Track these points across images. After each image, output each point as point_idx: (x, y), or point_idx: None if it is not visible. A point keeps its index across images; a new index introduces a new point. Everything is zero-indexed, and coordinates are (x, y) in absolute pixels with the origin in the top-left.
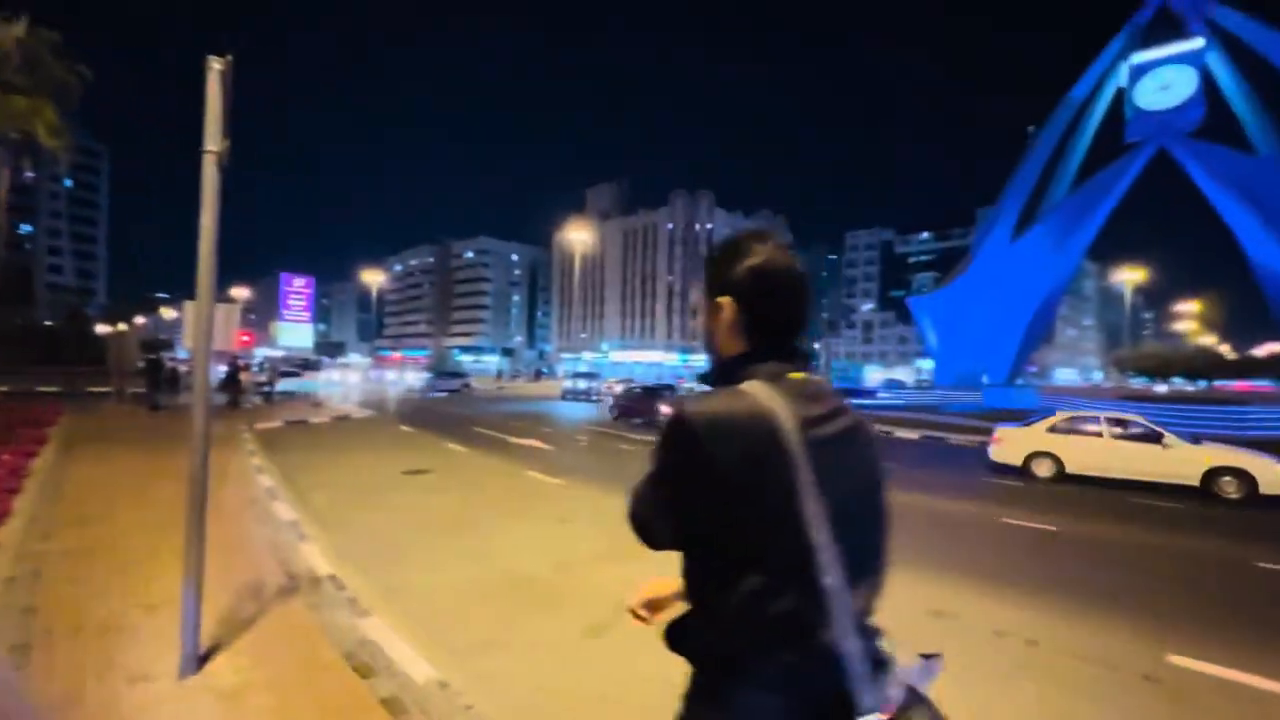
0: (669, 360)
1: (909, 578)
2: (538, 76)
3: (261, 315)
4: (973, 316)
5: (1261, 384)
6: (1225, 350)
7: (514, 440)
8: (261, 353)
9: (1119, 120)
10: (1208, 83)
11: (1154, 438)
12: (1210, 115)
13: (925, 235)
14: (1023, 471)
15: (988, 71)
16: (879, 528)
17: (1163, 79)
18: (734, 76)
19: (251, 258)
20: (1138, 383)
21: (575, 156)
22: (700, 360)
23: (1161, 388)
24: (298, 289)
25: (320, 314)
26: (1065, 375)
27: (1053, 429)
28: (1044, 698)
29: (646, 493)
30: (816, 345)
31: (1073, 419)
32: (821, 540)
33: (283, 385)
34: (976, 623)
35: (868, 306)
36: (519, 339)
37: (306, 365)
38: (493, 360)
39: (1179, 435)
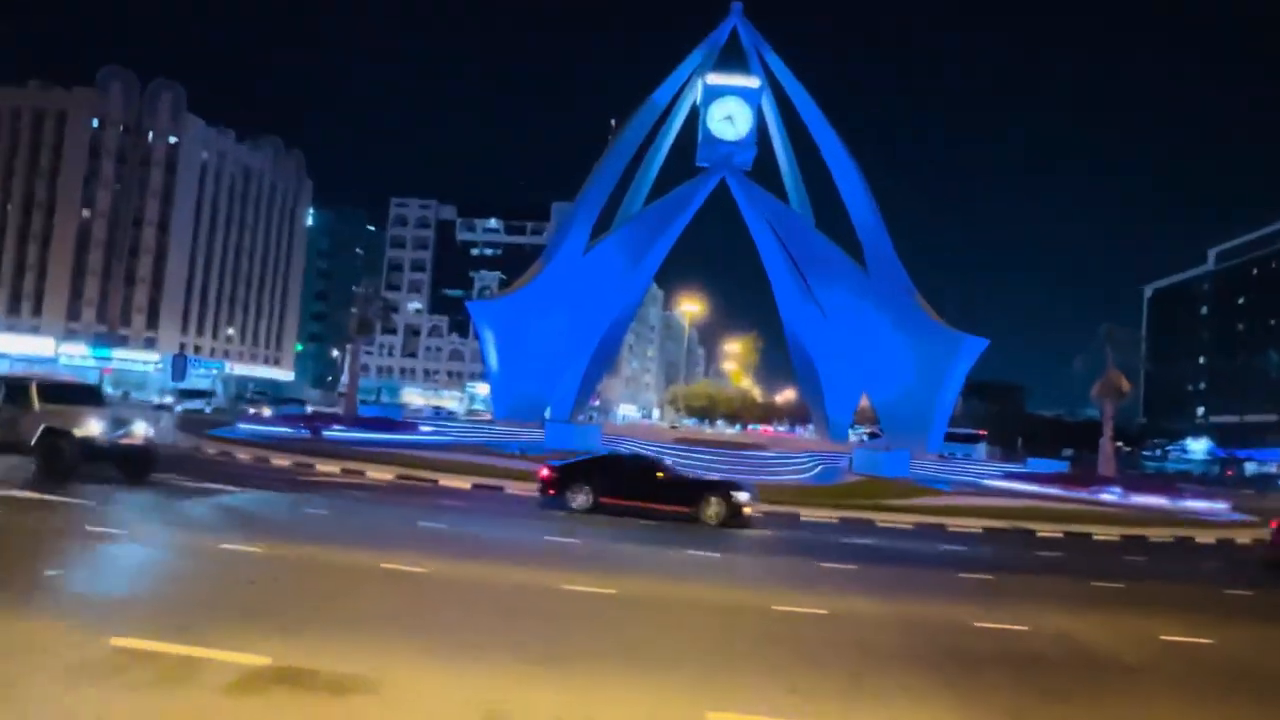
0: (74, 354)
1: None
2: None
3: None
4: (540, 334)
5: (781, 429)
6: (757, 394)
7: None
8: None
9: (695, 134)
10: (760, 126)
11: None
12: (760, 158)
13: (494, 223)
14: None
15: (591, 40)
16: None
17: (727, 109)
18: None
19: None
20: (690, 422)
21: None
22: (150, 359)
23: (708, 430)
24: None
25: None
26: (627, 410)
27: None
28: None
29: None
30: (337, 353)
31: None
32: None
33: None
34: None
35: (415, 305)
36: None
37: None
38: None
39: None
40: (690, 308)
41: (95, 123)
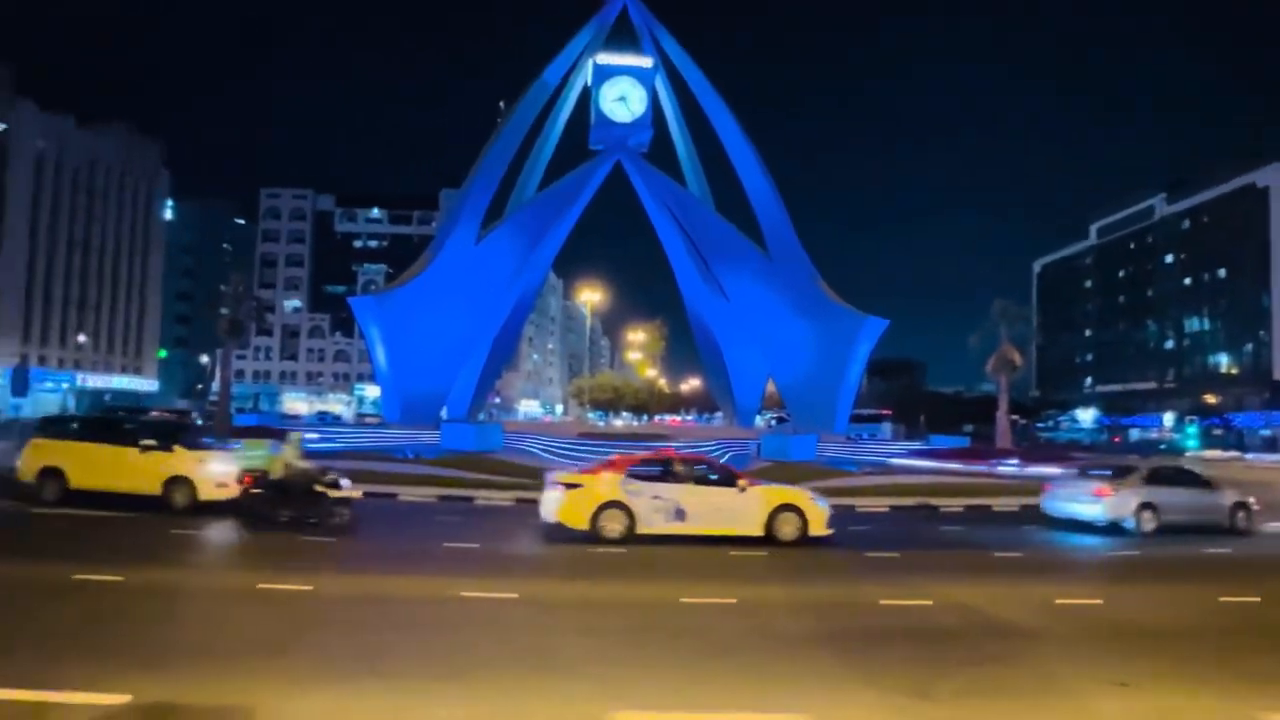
0: None
1: None
2: None
3: None
4: (432, 329)
5: (689, 418)
6: (664, 384)
7: None
8: None
9: (588, 117)
10: (655, 107)
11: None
12: (656, 141)
13: (376, 213)
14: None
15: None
16: None
17: (620, 89)
18: None
19: None
20: (595, 416)
21: None
22: None
23: (617, 422)
24: None
25: None
26: (529, 407)
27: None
28: None
29: None
30: (206, 359)
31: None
32: None
33: None
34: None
35: (293, 304)
36: None
37: None
38: None
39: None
40: (591, 296)
41: None
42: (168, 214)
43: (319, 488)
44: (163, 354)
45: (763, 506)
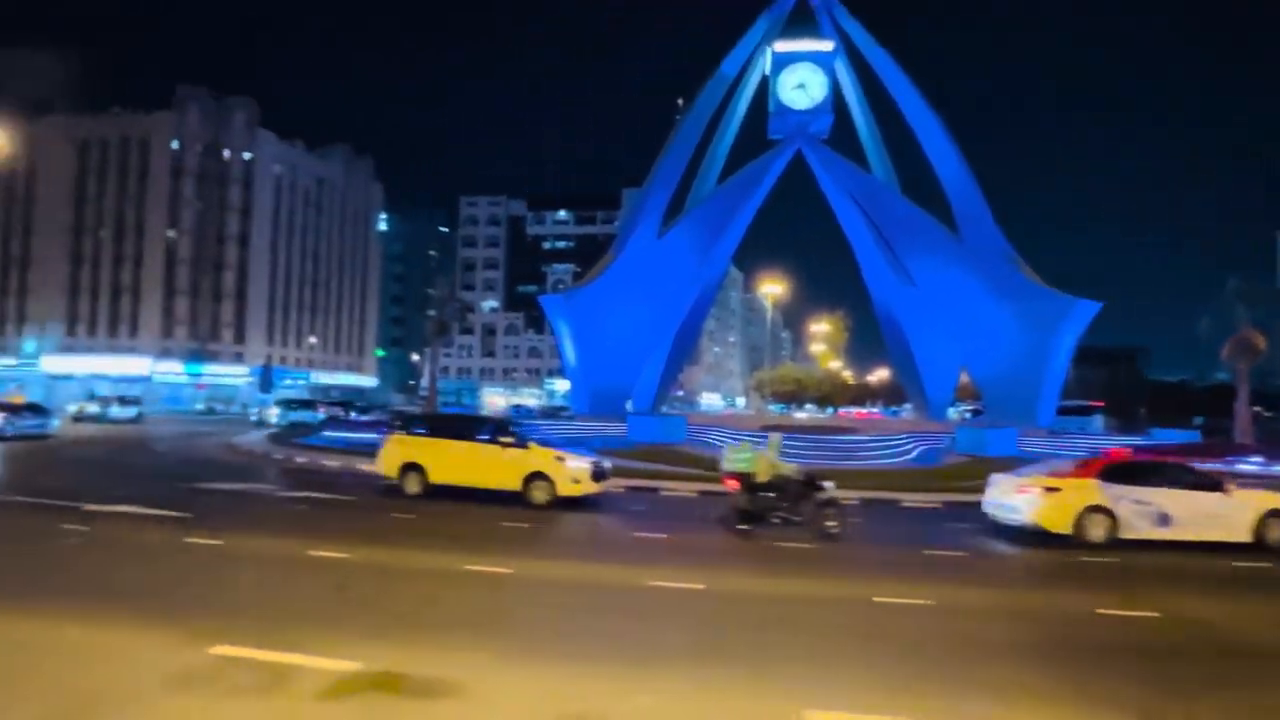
0: (166, 371)
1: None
2: None
3: None
4: (616, 325)
5: (874, 410)
6: (848, 376)
7: None
8: None
9: (767, 105)
10: (835, 91)
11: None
12: (837, 125)
13: (563, 215)
14: None
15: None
16: None
17: (799, 76)
18: None
19: None
20: (776, 409)
21: None
22: (240, 372)
23: (800, 414)
24: None
25: None
26: (711, 399)
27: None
28: None
29: None
30: (416, 357)
31: None
32: None
33: None
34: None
35: (490, 305)
36: None
37: None
38: None
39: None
40: (772, 289)
41: (175, 144)
42: (381, 225)
43: (802, 488)
44: (381, 353)
45: (1251, 512)
